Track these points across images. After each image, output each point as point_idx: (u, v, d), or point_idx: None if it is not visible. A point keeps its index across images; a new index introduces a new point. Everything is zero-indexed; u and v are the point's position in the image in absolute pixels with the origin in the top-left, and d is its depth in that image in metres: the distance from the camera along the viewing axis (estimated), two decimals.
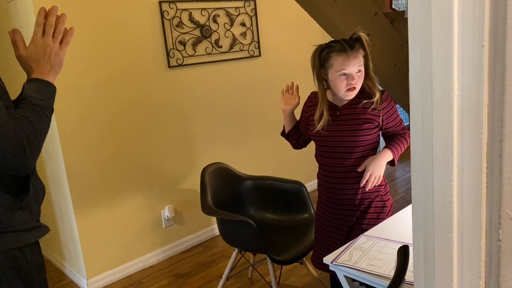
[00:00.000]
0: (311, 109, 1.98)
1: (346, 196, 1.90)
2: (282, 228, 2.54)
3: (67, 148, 2.62)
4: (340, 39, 1.82)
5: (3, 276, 1.10)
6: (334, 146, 1.89)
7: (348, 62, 1.76)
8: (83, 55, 2.61)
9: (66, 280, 2.96)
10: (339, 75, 1.78)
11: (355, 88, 1.80)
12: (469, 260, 0.70)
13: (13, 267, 1.12)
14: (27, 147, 1.05)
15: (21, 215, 1.14)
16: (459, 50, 0.64)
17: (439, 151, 0.69)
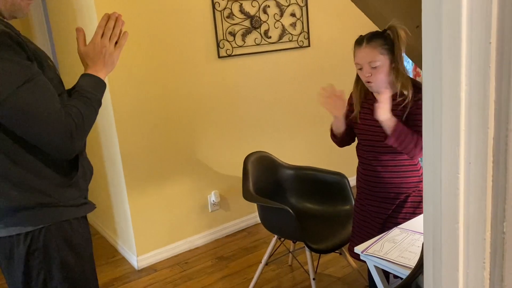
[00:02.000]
0: (351, 102, 2.05)
1: (382, 189, 1.92)
2: (322, 218, 2.58)
3: (122, 132, 2.79)
4: (372, 32, 1.84)
5: (55, 245, 1.24)
6: (369, 140, 1.92)
7: (359, 55, 1.80)
8: (139, 46, 2.76)
9: (118, 256, 3.17)
10: (356, 68, 1.85)
11: (371, 82, 1.80)
12: (474, 251, 0.73)
13: (63, 238, 1.25)
14: (74, 134, 1.16)
15: (70, 192, 1.27)
16: (467, 47, 0.66)
17: (447, 144, 0.71)
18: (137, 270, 2.97)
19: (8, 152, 1.16)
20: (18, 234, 1.21)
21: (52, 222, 1.23)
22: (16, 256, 1.23)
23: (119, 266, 3.05)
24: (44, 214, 1.22)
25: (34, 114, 1.10)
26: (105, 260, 3.13)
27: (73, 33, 1.35)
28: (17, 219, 1.21)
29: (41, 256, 1.23)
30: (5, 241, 1.23)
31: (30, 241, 1.22)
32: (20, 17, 1.26)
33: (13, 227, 1.21)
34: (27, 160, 1.18)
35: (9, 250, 1.23)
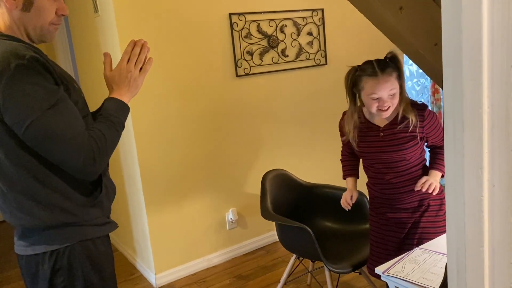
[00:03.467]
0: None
1: (405, 205, 1.93)
2: (341, 237, 2.55)
3: (142, 150, 2.83)
4: (374, 60, 1.83)
5: (79, 264, 1.26)
6: (383, 162, 1.93)
7: (379, 87, 1.77)
8: (158, 63, 2.82)
9: (136, 274, 3.18)
10: (370, 98, 1.80)
11: (389, 109, 1.81)
12: (500, 275, 0.71)
13: (87, 256, 1.28)
14: (97, 156, 1.20)
15: (94, 212, 1.30)
16: (489, 69, 0.66)
17: (470, 166, 0.71)
18: None
19: (35, 173, 1.20)
20: (43, 253, 1.24)
21: (77, 241, 1.26)
22: (40, 274, 1.26)
23: (137, 283, 3.06)
24: (69, 233, 1.25)
25: (59, 137, 1.14)
26: (124, 277, 3.14)
27: (96, 55, 1.39)
28: (43, 237, 1.24)
29: (65, 274, 1.25)
30: (31, 259, 1.26)
31: (55, 260, 1.24)
32: (47, 42, 1.30)
33: (39, 246, 1.24)
34: (53, 181, 1.22)
35: (34, 268, 1.26)
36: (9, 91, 1.09)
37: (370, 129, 1.93)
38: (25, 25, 1.23)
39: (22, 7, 1.20)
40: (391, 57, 1.84)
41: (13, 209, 1.24)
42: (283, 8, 3.26)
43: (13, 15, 1.20)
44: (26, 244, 1.26)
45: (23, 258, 1.28)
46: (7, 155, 1.19)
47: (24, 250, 1.27)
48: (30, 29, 1.23)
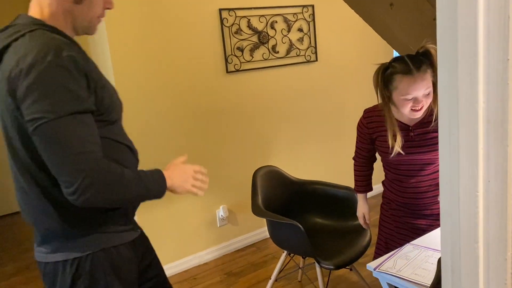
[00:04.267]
0: (376, 130, 1.86)
1: (425, 211, 1.85)
2: (332, 233, 2.55)
3: None
4: (406, 56, 1.67)
5: (101, 271, 1.21)
6: (411, 164, 1.80)
7: (415, 86, 1.61)
8: (148, 60, 2.78)
9: None
10: (403, 99, 1.65)
11: (422, 109, 1.67)
12: (495, 271, 0.71)
13: (110, 264, 1.22)
14: (95, 190, 1.07)
15: (118, 219, 1.25)
16: (484, 64, 0.65)
17: (465, 162, 0.70)
18: None
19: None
20: (65, 260, 1.19)
21: (100, 248, 1.21)
22: (60, 281, 1.20)
23: None
24: (92, 240, 1.20)
25: (67, 147, 1.05)
26: None
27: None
28: (65, 244, 1.19)
29: (87, 282, 1.20)
30: (51, 267, 1.21)
31: (76, 267, 1.19)
32: (91, 34, 1.26)
33: (60, 253, 1.20)
34: None
35: (53, 276, 1.21)
36: (35, 85, 1.03)
37: (399, 128, 1.76)
38: (74, 16, 1.19)
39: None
40: (424, 52, 1.65)
41: (36, 211, 1.19)
42: (273, 4, 3.24)
43: (64, 5, 1.16)
44: (47, 251, 1.21)
45: (42, 264, 1.23)
46: (27, 151, 1.13)
47: (44, 257, 1.22)
48: (78, 21, 1.19)
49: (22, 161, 1.16)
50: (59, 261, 1.20)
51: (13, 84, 1.06)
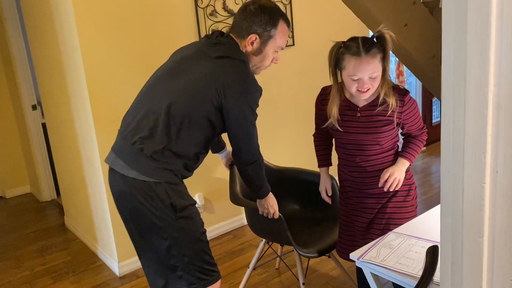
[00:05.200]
0: (326, 105, 1.93)
1: (372, 190, 1.90)
2: (311, 220, 2.51)
3: (101, 134, 2.68)
4: (360, 38, 1.72)
5: (164, 192, 1.64)
6: (356, 144, 1.87)
7: (361, 67, 1.68)
8: (118, 42, 2.65)
9: (98, 262, 3.05)
10: (350, 78, 1.72)
11: (369, 90, 1.73)
12: (501, 267, 0.67)
13: (170, 188, 1.67)
14: (254, 164, 1.83)
15: (188, 174, 1.78)
16: (497, 43, 0.60)
17: (471, 150, 0.65)
18: (119, 276, 2.86)
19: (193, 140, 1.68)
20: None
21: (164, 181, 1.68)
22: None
23: (99, 273, 2.93)
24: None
25: (252, 131, 1.74)
26: (84, 266, 3.01)
27: (50, 33, 1.24)
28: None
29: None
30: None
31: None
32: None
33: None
34: (189, 147, 1.69)
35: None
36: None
37: (348, 108, 1.85)
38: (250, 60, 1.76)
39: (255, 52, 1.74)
40: (379, 37, 1.72)
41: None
42: None
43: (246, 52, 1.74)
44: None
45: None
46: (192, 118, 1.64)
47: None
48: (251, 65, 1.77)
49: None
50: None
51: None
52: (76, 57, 2.61)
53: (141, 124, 1.67)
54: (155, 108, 1.66)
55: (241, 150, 1.76)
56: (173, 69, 1.74)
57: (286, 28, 1.75)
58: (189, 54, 1.73)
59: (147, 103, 1.70)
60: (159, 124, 1.64)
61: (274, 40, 1.71)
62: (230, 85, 1.62)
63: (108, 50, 2.61)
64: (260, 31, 1.68)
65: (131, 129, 1.70)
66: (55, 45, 2.86)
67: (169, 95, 1.66)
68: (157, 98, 1.68)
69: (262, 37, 1.69)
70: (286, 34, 1.76)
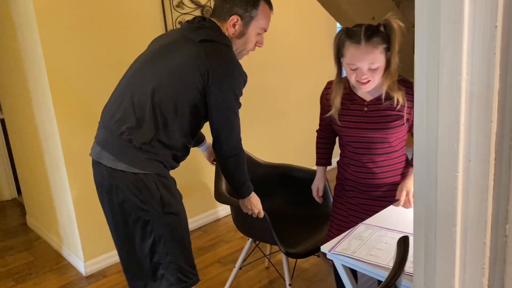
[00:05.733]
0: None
1: (376, 193, 1.81)
2: (299, 219, 2.42)
3: (64, 129, 2.58)
4: (364, 25, 1.59)
5: (154, 184, 1.62)
6: (363, 142, 1.76)
7: (358, 57, 1.58)
8: (80, 33, 2.55)
9: (63, 262, 2.95)
10: (348, 67, 1.63)
11: (369, 82, 1.63)
12: (473, 256, 0.67)
13: (160, 181, 1.65)
14: (235, 157, 1.74)
15: (175, 165, 1.77)
16: (470, 31, 0.59)
17: (444, 139, 0.65)
18: (85, 276, 2.77)
19: (182, 126, 1.64)
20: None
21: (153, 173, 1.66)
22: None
23: (64, 273, 2.83)
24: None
25: (234, 120, 1.67)
26: (49, 267, 2.90)
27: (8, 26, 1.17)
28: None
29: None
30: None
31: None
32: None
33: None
34: (176, 144, 1.67)
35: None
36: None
37: (353, 101, 1.74)
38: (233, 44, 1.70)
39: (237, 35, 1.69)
40: (385, 25, 1.58)
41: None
42: None
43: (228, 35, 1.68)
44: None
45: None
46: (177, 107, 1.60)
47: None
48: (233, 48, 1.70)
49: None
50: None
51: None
52: (36, 49, 2.50)
53: (126, 114, 1.61)
54: (140, 96, 1.61)
55: (221, 140, 1.69)
56: (155, 56, 1.68)
57: (268, 8, 1.71)
58: (171, 40, 1.68)
59: (130, 91, 1.64)
60: (146, 113, 1.59)
61: (256, 21, 1.68)
62: (214, 68, 1.57)
63: (69, 41, 2.52)
64: (241, 12, 1.65)
65: (116, 119, 1.63)
66: (13, 37, 2.73)
67: (152, 81, 1.61)
68: (141, 86, 1.63)
69: (244, 18, 1.66)
70: (268, 15, 1.72)
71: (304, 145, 3.92)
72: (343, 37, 1.63)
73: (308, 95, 3.92)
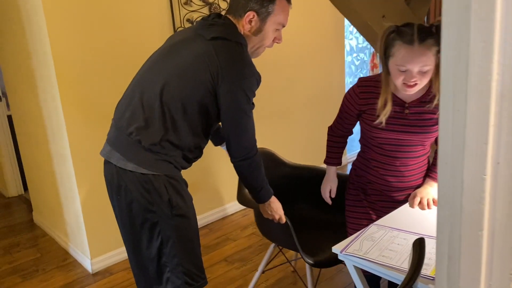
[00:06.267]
0: (369, 101, 1.71)
1: (401, 197, 1.79)
2: (325, 225, 2.28)
3: (72, 126, 2.57)
4: (416, 25, 1.53)
5: (163, 186, 1.58)
6: (399, 145, 1.70)
7: (411, 59, 1.50)
8: (89, 33, 2.54)
9: (70, 259, 2.95)
10: (397, 69, 1.54)
11: (416, 85, 1.56)
12: (500, 261, 0.65)
13: (169, 182, 1.60)
14: (249, 160, 1.66)
15: (187, 166, 1.70)
16: (501, 28, 0.57)
17: (472, 141, 0.63)
18: (92, 273, 2.77)
19: (191, 128, 1.59)
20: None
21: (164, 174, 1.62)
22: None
23: (71, 270, 2.83)
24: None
25: (246, 122, 1.62)
26: (56, 264, 2.90)
27: (17, 24, 1.16)
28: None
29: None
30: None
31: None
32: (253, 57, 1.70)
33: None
34: (187, 137, 1.60)
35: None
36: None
37: (394, 103, 1.66)
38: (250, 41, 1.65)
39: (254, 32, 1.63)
40: (438, 27, 1.51)
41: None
42: None
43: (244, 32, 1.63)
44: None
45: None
46: (187, 106, 1.55)
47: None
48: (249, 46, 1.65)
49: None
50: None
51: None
52: (44, 46, 2.49)
53: (135, 113, 1.58)
54: (149, 94, 1.57)
55: (231, 143, 1.63)
56: (166, 54, 1.64)
57: (286, 2, 1.64)
58: (183, 38, 1.63)
59: (140, 90, 1.61)
60: (154, 113, 1.55)
61: (273, 17, 1.60)
62: (224, 67, 1.51)
63: (77, 38, 2.50)
64: (257, 7, 1.58)
65: (126, 118, 1.61)
66: (21, 34, 2.72)
67: (161, 79, 1.56)
68: (150, 84, 1.59)
69: (260, 14, 1.58)
70: (287, 9, 1.65)
71: (309, 144, 3.91)
72: (394, 36, 1.55)
73: (314, 93, 3.90)
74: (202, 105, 1.57)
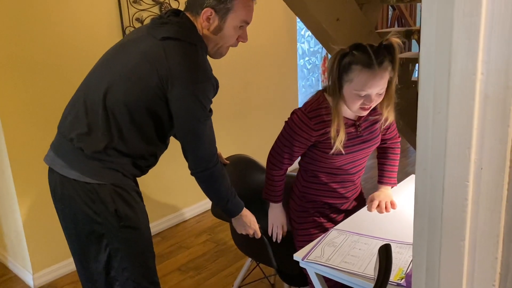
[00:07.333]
0: (326, 130, 1.58)
1: (349, 207, 1.80)
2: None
3: (10, 133, 2.37)
4: (368, 46, 1.45)
5: (109, 196, 1.45)
6: (357, 160, 1.68)
7: (372, 82, 1.44)
8: (29, 36, 2.36)
9: (9, 275, 2.72)
10: (355, 94, 1.47)
11: (370, 108, 1.53)
12: (482, 272, 0.61)
13: (116, 192, 1.47)
14: (210, 171, 1.53)
15: (139, 174, 1.58)
16: (487, 25, 0.53)
17: (454, 145, 0.59)
18: None
19: (141, 134, 1.46)
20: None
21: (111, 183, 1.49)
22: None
23: (10, 287, 2.61)
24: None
25: (201, 131, 1.49)
26: None
27: None
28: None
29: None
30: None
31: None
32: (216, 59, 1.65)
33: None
34: (139, 145, 1.49)
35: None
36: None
37: (345, 125, 1.59)
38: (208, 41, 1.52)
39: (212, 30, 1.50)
40: (387, 45, 1.46)
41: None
42: None
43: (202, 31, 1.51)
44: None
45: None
46: (134, 113, 1.43)
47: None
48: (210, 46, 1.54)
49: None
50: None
51: None
52: None
53: (78, 117, 1.45)
54: (93, 97, 1.44)
55: (187, 153, 1.50)
56: (115, 53, 1.51)
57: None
58: (136, 36, 1.50)
59: (85, 92, 1.48)
60: (98, 119, 1.42)
61: (233, 13, 1.46)
62: (175, 71, 1.38)
63: (15, 38, 2.32)
64: (214, 3, 1.44)
65: (68, 122, 1.49)
66: None
67: (105, 81, 1.43)
68: (94, 87, 1.46)
69: (219, 11, 1.45)
70: (248, 4, 1.51)
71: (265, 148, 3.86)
72: (350, 60, 1.46)
73: (268, 97, 3.87)
74: (151, 111, 1.44)
